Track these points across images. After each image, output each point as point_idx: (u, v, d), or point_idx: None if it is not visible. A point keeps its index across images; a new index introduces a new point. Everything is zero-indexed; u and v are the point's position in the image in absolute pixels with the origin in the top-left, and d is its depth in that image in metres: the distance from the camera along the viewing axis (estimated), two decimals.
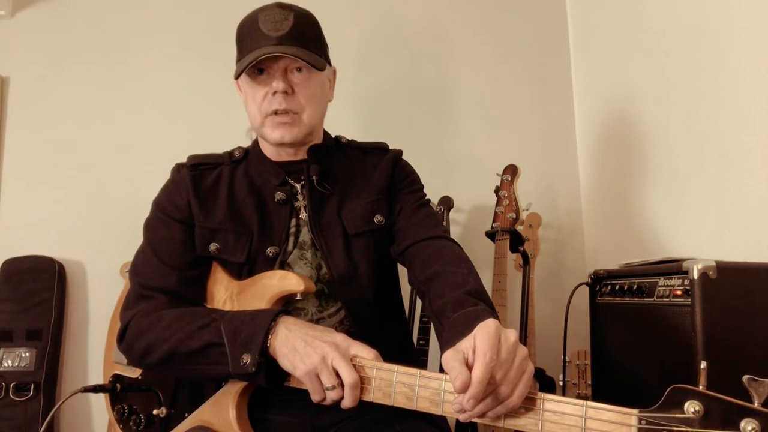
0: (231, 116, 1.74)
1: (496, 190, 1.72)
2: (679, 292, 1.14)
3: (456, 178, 2.01)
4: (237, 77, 1.01)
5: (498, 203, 1.70)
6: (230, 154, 1.11)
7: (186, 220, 1.02)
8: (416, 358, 1.31)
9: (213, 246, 1.00)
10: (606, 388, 1.42)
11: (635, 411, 0.62)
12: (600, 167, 2.03)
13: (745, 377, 0.57)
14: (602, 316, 1.43)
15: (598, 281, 1.46)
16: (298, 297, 0.96)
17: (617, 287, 1.37)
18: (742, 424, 0.55)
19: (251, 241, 1.00)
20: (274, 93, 0.98)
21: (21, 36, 1.82)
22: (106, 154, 1.82)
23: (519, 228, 1.69)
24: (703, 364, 0.61)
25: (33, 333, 1.64)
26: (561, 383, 1.57)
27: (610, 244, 1.95)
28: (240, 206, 1.03)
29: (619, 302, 1.35)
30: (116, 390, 1.08)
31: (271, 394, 0.96)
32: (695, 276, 1.09)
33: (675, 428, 0.59)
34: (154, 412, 1.01)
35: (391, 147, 1.18)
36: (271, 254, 1.00)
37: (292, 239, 1.02)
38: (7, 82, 1.80)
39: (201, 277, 1.01)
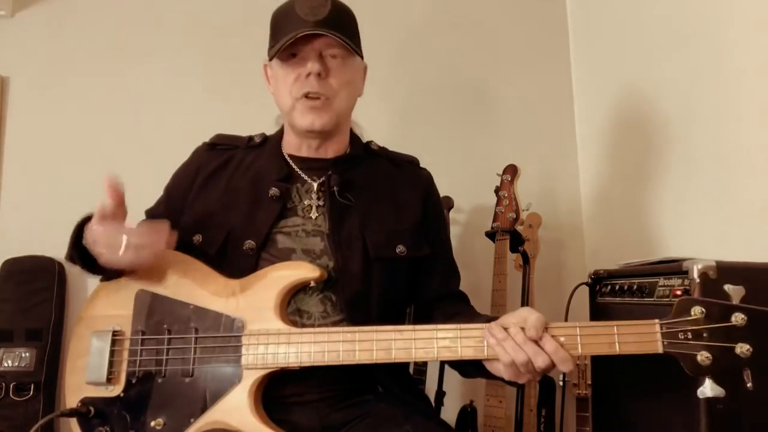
0: (232, 116, 1.73)
1: (496, 190, 1.72)
2: (679, 292, 1.14)
3: (456, 178, 2.01)
4: (271, 58, 1.00)
5: (498, 203, 1.70)
6: (249, 138, 1.11)
7: (176, 207, 1.06)
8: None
9: (196, 237, 1.01)
10: (606, 388, 1.42)
11: (657, 320, 0.83)
12: (600, 167, 2.03)
13: (726, 285, 0.82)
14: (602, 316, 1.43)
15: (598, 281, 1.46)
16: (312, 284, 0.95)
17: (617, 287, 1.36)
18: (733, 316, 0.79)
19: (229, 233, 1.00)
20: (308, 75, 0.97)
21: (21, 36, 1.82)
22: (106, 154, 1.82)
23: (519, 228, 1.69)
24: (697, 279, 1.01)
25: (33, 333, 1.64)
26: (561, 383, 1.56)
27: (610, 244, 1.95)
28: (233, 195, 1.03)
29: (619, 302, 1.35)
30: (89, 414, 0.92)
31: (282, 394, 0.95)
32: (695, 276, 1.09)
33: (689, 328, 0.80)
34: (152, 424, 0.91)
35: (390, 148, 1.18)
36: (247, 248, 0.98)
37: (296, 242, 1.00)
38: (7, 82, 1.80)
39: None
